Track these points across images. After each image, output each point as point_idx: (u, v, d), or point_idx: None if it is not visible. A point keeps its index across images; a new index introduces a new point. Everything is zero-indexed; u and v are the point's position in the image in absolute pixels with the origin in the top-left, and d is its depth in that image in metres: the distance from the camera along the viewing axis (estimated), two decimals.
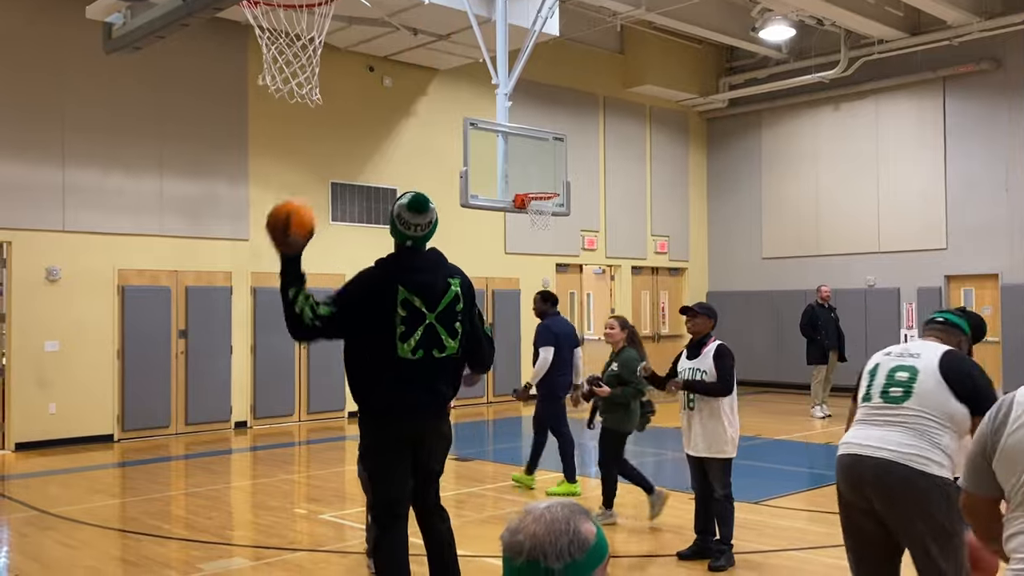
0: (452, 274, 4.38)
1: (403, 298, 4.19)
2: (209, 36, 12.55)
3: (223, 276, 13.04)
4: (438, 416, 4.41)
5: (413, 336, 4.19)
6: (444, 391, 4.36)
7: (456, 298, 4.31)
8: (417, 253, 4.40)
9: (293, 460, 11.08)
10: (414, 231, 4.35)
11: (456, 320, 4.30)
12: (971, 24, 14.92)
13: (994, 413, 2.63)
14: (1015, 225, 15.31)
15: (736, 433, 6.00)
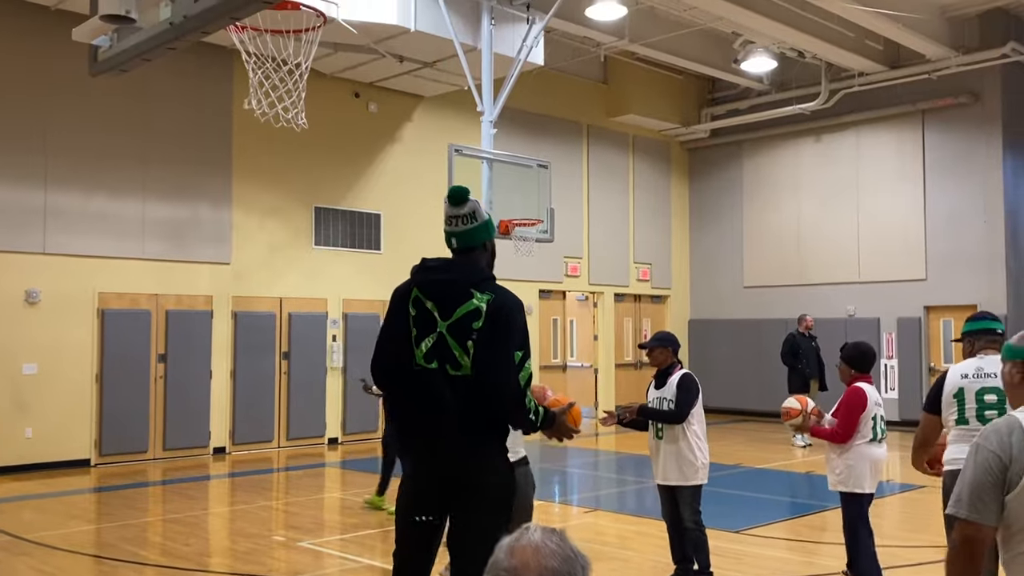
0: (483, 289, 3.73)
1: (415, 296, 3.78)
2: (195, 60, 12.58)
3: (204, 300, 12.98)
4: (467, 455, 3.66)
5: (424, 342, 3.70)
6: (470, 421, 3.65)
7: (475, 313, 3.66)
8: (448, 258, 3.92)
9: (272, 487, 10.98)
10: (453, 225, 3.87)
11: (470, 337, 3.64)
12: (949, 58, 15.17)
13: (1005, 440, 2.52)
14: (993, 257, 15.48)
15: (706, 460, 6.00)
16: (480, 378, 3.64)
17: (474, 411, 3.65)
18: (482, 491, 3.66)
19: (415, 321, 3.74)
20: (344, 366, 14.26)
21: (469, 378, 3.64)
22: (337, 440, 14.15)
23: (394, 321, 3.82)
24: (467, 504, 3.65)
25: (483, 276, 3.80)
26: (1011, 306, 15.30)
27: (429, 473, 3.73)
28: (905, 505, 9.88)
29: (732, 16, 13.59)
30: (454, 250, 3.91)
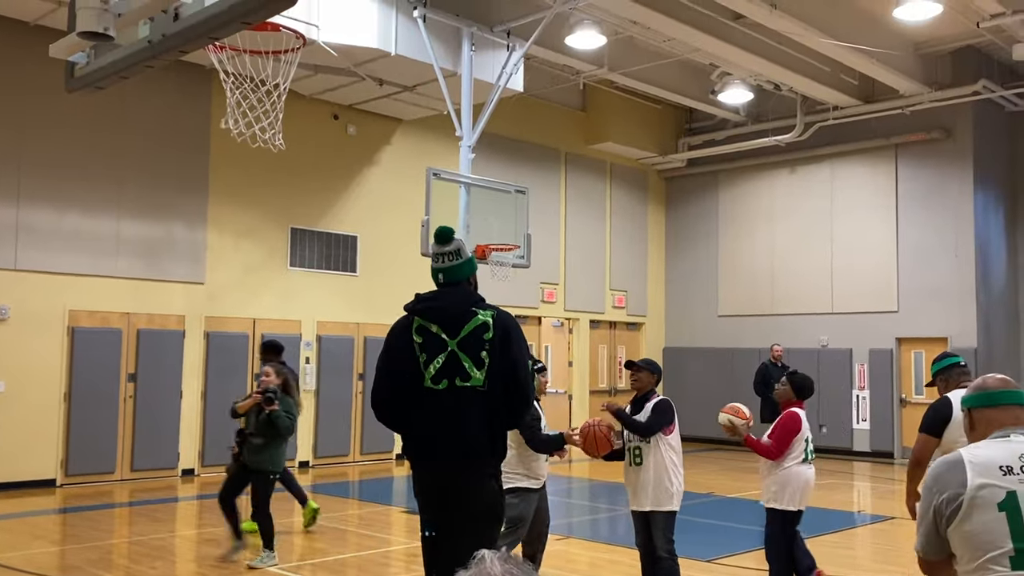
0: (483, 306, 4.11)
1: (417, 325, 4.09)
2: (173, 78, 12.54)
3: (176, 319, 12.86)
4: (465, 465, 3.97)
5: (433, 363, 3.99)
6: (475, 431, 3.95)
7: (484, 327, 4.01)
8: (442, 288, 4.24)
9: (242, 509, 10.81)
10: (439, 262, 4.21)
11: (483, 349, 3.97)
12: (922, 94, 15.42)
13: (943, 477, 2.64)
14: (964, 290, 15.67)
15: (680, 486, 6.01)
16: (500, 382, 3.98)
17: (483, 422, 3.97)
18: (474, 504, 3.95)
19: (422, 347, 4.04)
20: (317, 388, 14.16)
21: (479, 389, 3.96)
22: (308, 463, 14.01)
23: (396, 354, 4.10)
24: (458, 516, 3.94)
25: (479, 297, 4.20)
26: (981, 340, 15.48)
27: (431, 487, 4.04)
28: (877, 536, 9.91)
29: (709, 48, 13.76)
30: (441, 284, 4.23)
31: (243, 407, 7.89)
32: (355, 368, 14.61)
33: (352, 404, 14.53)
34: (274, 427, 7.73)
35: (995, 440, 2.71)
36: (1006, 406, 2.81)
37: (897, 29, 13.96)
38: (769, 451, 6.17)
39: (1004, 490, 2.54)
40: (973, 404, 2.89)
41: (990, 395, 2.86)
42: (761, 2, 11.90)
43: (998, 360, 15.54)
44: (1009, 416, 2.78)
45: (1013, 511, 2.50)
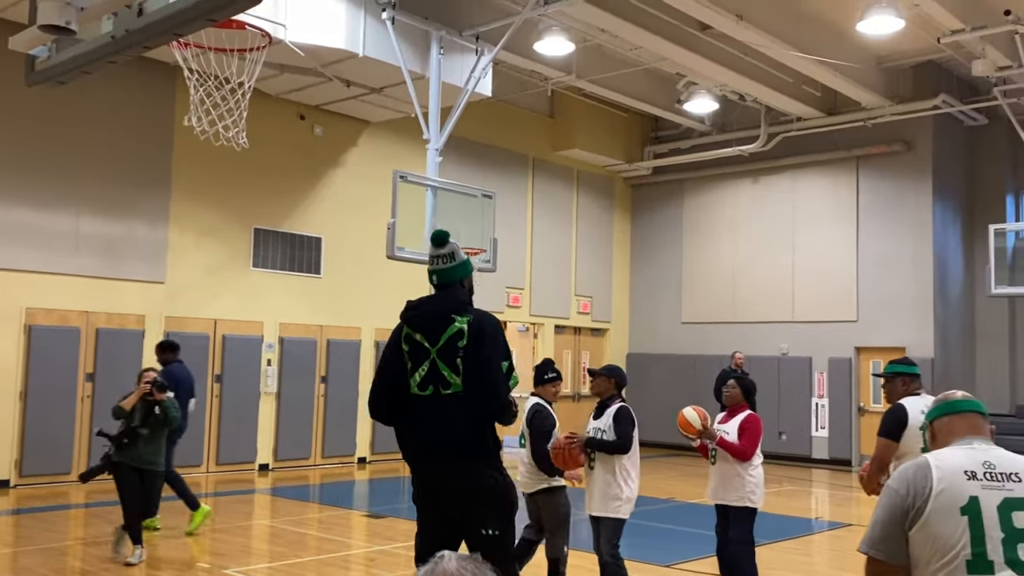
0: (462, 312, 4.21)
1: (405, 333, 4.26)
2: (136, 74, 12.39)
3: (136, 319, 12.69)
4: (452, 463, 4.13)
5: (419, 371, 4.18)
6: (456, 433, 4.10)
7: (459, 334, 4.14)
8: (430, 295, 4.42)
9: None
10: (435, 264, 4.36)
11: (457, 356, 4.12)
12: (884, 107, 15.67)
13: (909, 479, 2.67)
14: (922, 301, 15.93)
15: (632, 494, 5.99)
16: (473, 385, 4.09)
17: (466, 426, 4.10)
18: (479, 503, 4.10)
19: (409, 355, 4.21)
20: (279, 391, 14.04)
21: (460, 394, 4.10)
22: (268, 467, 13.88)
23: (387, 362, 4.30)
24: (469, 516, 4.11)
25: (461, 303, 4.28)
26: (938, 350, 15.74)
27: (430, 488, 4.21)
28: (834, 543, 10.03)
29: (676, 57, 13.88)
30: (435, 286, 4.37)
31: (129, 402, 7.78)
32: (318, 371, 14.51)
33: (314, 407, 14.43)
34: (162, 419, 7.78)
35: (959, 447, 2.76)
36: (967, 413, 2.86)
37: (860, 43, 14.18)
38: (744, 452, 6.28)
39: (967, 495, 2.58)
40: (935, 415, 2.93)
41: (951, 404, 2.91)
42: (727, 13, 12.02)
43: (954, 369, 15.82)
44: (969, 425, 2.82)
45: (974, 516, 2.54)
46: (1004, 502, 2.56)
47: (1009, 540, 2.51)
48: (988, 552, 2.50)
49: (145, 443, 7.73)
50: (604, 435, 5.99)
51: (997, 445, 2.79)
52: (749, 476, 6.27)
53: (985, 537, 2.52)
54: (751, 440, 6.30)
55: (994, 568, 2.49)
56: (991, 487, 2.59)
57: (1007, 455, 2.71)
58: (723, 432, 6.35)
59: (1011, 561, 2.49)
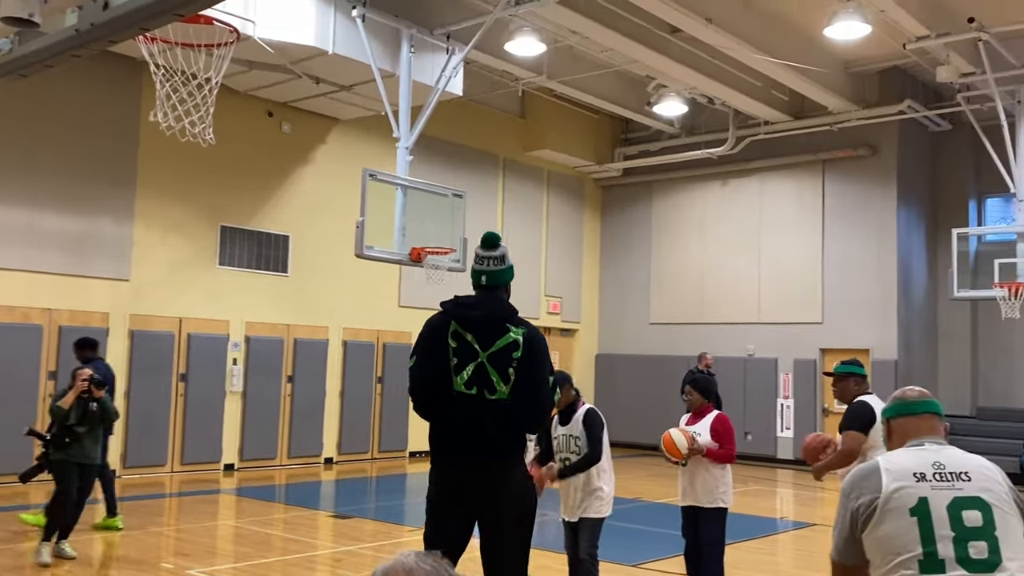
0: (517, 324, 4.32)
1: (453, 330, 4.28)
2: (101, 69, 12.22)
3: (100, 317, 12.52)
4: (495, 468, 4.22)
5: (465, 370, 4.21)
6: (498, 438, 4.19)
7: (514, 345, 4.24)
8: (480, 295, 4.43)
9: (163, 512, 10.60)
10: (484, 264, 4.43)
11: (510, 366, 4.21)
12: (850, 112, 15.86)
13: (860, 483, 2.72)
14: (885, 303, 16.14)
15: (612, 492, 6.01)
16: (523, 398, 4.21)
17: (505, 431, 4.21)
18: (508, 502, 4.21)
19: (455, 352, 4.24)
20: (244, 390, 13.91)
21: (504, 402, 4.20)
22: (233, 466, 13.76)
23: (431, 351, 4.28)
24: (495, 515, 4.20)
25: (514, 312, 4.39)
26: (901, 352, 15.96)
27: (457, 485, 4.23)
28: (799, 542, 10.13)
29: (646, 60, 13.94)
30: (482, 286, 4.44)
31: (67, 401, 7.77)
32: (284, 370, 14.40)
33: (280, 406, 14.32)
34: (100, 416, 7.83)
35: (910, 448, 2.81)
36: (923, 415, 2.91)
37: (828, 48, 14.34)
38: (730, 455, 6.27)
39: (916, 496, 2.62)
40: (892, 414, 2.98)
41: (907, 404, 2.96)
42: (697, 16, 12.10)
43: (917, 371, 16.04)
44: (925, 425, 2.88)
45: (924, 516, 2.58)
46: (954, 501, 2.60)
47: (959, 539, 2.55)
48: (939, 551, 2.54)
49: (86, 440, 7.83)
50: (576, 442, 5.91)
51: (951, 444, 2.84)
52: (722, 477, 6.28)
53: (935, 537, 2.56)
54: (731, 440, 6.30)
55: (945, 567, 2.53)
56: (940, 487, 2.63)
57: (957, 454, 2.76)
58: (696, 434, 6.28)
59: (962, 559, 2.53)
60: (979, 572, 2.52)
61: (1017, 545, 2.60)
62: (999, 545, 2.55)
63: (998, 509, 2.61)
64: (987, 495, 2.63)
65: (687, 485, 6.34)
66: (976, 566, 2.52)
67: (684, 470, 6.34)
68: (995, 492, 2.65)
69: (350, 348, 15.25)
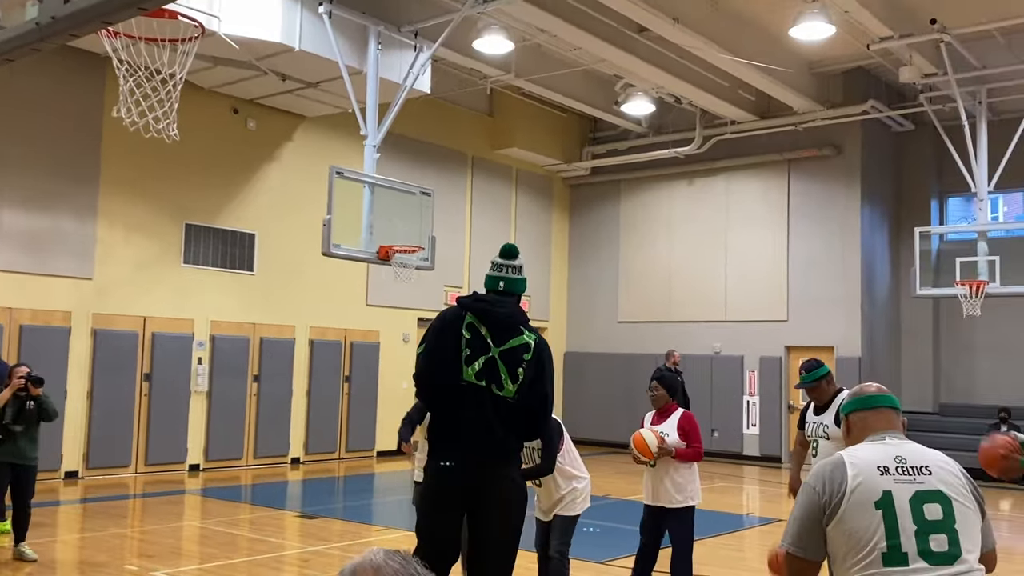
0: (528, 328, 4.49)
1: (469, 322, 4.38)
2: (63, 63, 12.04)
3: (62, 316, 12.33)
4: (495, 464, 4.32)
5: (477, 361, 4.31)
6: (501, 434, 4.30)
7: (526, 347, 4.40)
8: (497, 296, 4.56)
9: (127, 513, 10.46)
10: (504, 272, 4.61)
11: (520, 365, 4.35)
12: (815, 112, 16.02)
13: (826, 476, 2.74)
14: (850, 301, 16.33)
15: (586, 487, 5.98)
16: (528, 400, 4.35)
17: (509, 427, 4.32)
18: (505, 503, 4.30)
19: (468, 343, 4.34)
20: (209, 390, 13.77)
21: (510, 399, 4.31)
22: (199, 467, 13.61)
23: (444, 342, 4.37)
24: (487, 506, 4.27)
25: (527, 318, 4.59)
26: (865, 349, 16.15)
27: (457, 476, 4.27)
28: (765, 538, 10.22)
29: (614, 59, 13.99)
30: (499, 292, 4.58)
31: (2, 398, 7.69)
32: (250, 369, 14.27)
33: (246, 406, 14.19)
34: (37, 415, 7.79)
35: (872, 442, 2.84)
36: (881, 409, 2.94)
37: (793, 48, 14.48)
38: (698, 454, 6.26)
39: (880, 489, 2.65)
40: (851, 409, 3.01)
41: (866, 399, 2.99)
42: (664, 16, 12.16)
43: (880, 368, 16.25)
44: (883, 420, 2.91)
45: (888, 509, 2.62)
46: (915, 495, 2.64)
47: (921, 532, 2.59)
48: (902, 544, 2.58)
49: (22, 439, 7.75)
50: (536, 453, 5.75)
51: (911, 439, 2.88)
52: (691, 476, 6.28)
53: (899, 530, 2.59)
54: (698, 439, 6.31)
55: (908, 560, 2.56)
56: (903, 481, 2.67)
57: (917, 448, 2.80)
58: (663, 434, 6.25)
59: (923, 552, 2.57)
60: (940, 564, 2.56)
61: (975, 537, 2.65)
62: (959, 538, 2.60)
63: (957, 502, 2.65)
64: (947, 488, 2.67)
65: (655, 486, 6.28)
66: (937, 558, 2.56)
67: (651, 471, 6.29)
68: (954, 486, 2.68)
69: (317, 347, 15.15)
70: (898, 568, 2.56)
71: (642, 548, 6.38)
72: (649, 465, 6.27)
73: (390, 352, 16.13)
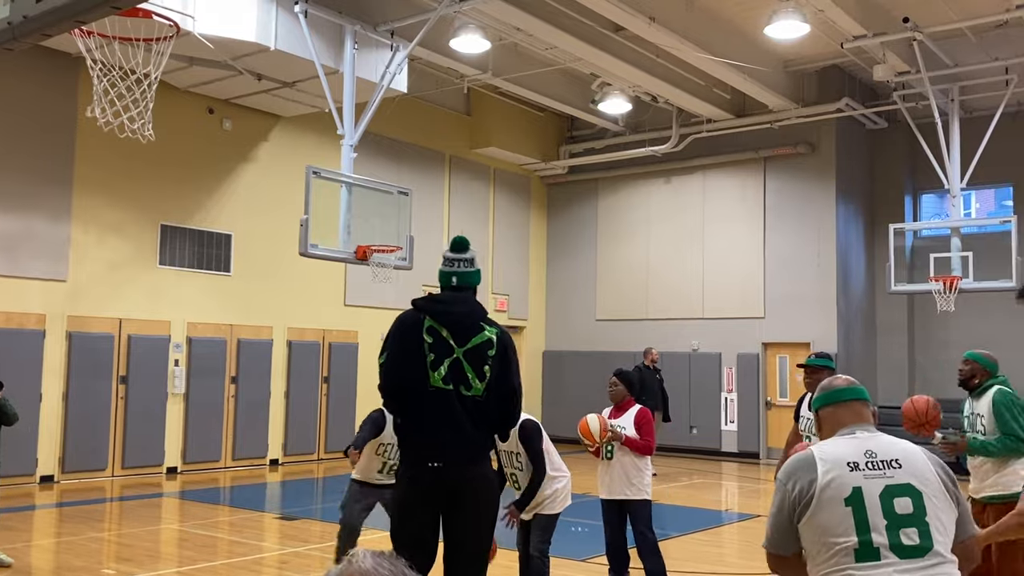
0: (490, 324, 4.46)
1: (428, 325, 4.31)
2: (36, 63, 11.91)
3: (36, 318, 12.20)
4: (470, 464, 4.28)
5: (442, 366, 4.24)
6: (474, 434, 4.28)
7: (489, 343, 4.36)
8: (452, 293, 4.49)
9: (104, 517, 10.37)
10: (455, 266, 4.52)
11: (486, 363, 4.31)
12: (790, 110, 16.14)
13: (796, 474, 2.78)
14: (825, 297, 16.47)
15: (566, 486, 5.99)
16: (497, 396, 4.32)
17: (479, 426, 4.29)
18: (477, 494, 4.28)
19: (431, 347, 4.26)
20: (187, 392, 13.68)
21: (478, 398, 4.28)
22: (176, 469, 13.51)
23: (406, 347, 4.28)
24: (464, 506, 4.25)
25: (485, 312, 4.52)
26: (841, 345, 16.29)
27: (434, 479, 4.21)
28: (743, 534, 10.28)
29: (590, 58, 14.02)
30: (453, 287, 4.50)
31: None
32: (228, 371, 14.18)
33: (224, 408, 14.10)
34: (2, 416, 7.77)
35: (842, 437, 2.86)
36: (849, 402, 2.94)
37: (768, 47, 14.57)
38: (648, 447, 6.33)
39: (850, 486, 2.67)
40: (820, 404, 3.02)
41: (834, 393, 2.99)
42: (640, 15, 12.20)
43: (856, 364, 16.39)
44: (852, 413, 2.92)
45: (858, 505, 2.64)
46: (885, 489, 2.66)
47: (891, 526, 2.62)
48: (873, 540, 2.60)
49: None
50: (517, 457, 5.77)
51: (880, 431, 2.90)
52: (646, 469, 6.36)
53: (869, 525, 2.62)
54: (651, 433, 6.38)
55: (879, 555, 2.59)
56: (873, 476, 2.69)
57: (887, 441, 2.81)
58: (620, 428, 6.31)
59: (894, 546, 2.59)
60: (911, 557, 2.59)
61: (947, 529, 2.67)
62: (930, 530, 2.62)
63: (928, 496, 2.67)
64: (917, 482, 2.69)
65: (611, 479, 6.34)
66: (908, 552, 2.59)
67: (606, 465, 6.35)
68: (925, 478, 2.71)
69: (295, 348, 15.08)
70: (870, 563, 2.59)
71: (609, 544, 6.44)
72: (606, 458, 6.33)
73: (369, 353, 16.06)
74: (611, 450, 6.33)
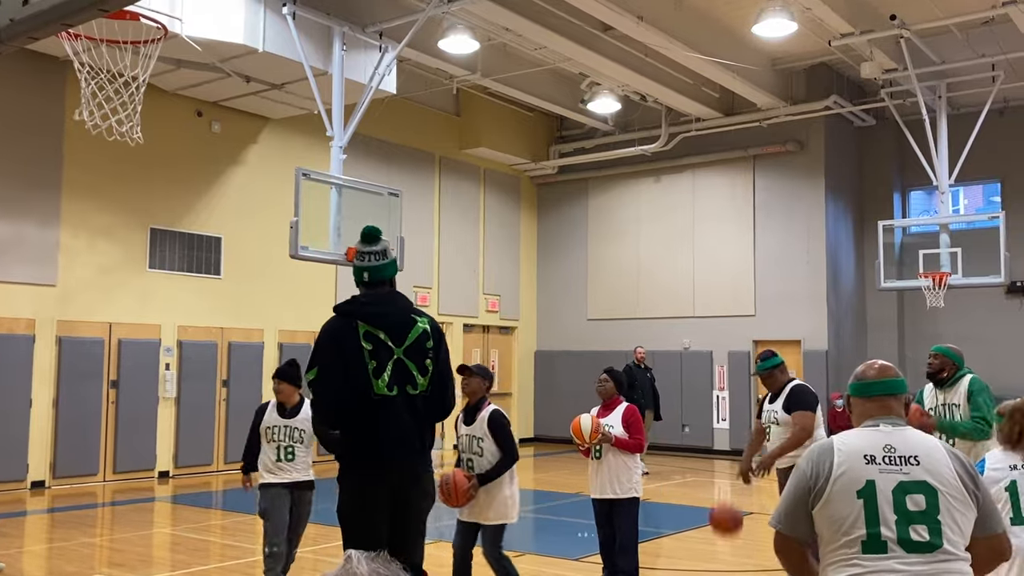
0: (417, 313, 4.32)
1: (365, 331, 4.12)
2: (22, 66, 11.86)
3: (26, 323, 12.14)
4: (419, 463, 4.22)
5: (385, 371, 4.09)
6: (421, 434, 4.21)
7: (425, 335, 4.23)
8: (374, 290, 4.30)
9: (95, 522, 10.33)
10: (368, 260, 4.31)
11: (426, 357, 4.21)
12: (778, 108, 16.19)
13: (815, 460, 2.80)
14: (815, 295, 16.52)
15: (517, 496, 5.89)
16: (440, 388, 4.25)
17: (425, 424, 4.22)
18: (423, 498, 4.24)
19: (372, 354, 4.08)
20: (178, 396, 13.63)
21: (424, 394, 4.19)
22: (168, 474, 13.47)
23: (344, 359, 4.07)
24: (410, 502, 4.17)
25: (411, 302, 4.38)
26: (831, 342, 16.35)
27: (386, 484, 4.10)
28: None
29: (579, 57, 14.04)
30: (365, 283, 4.31)
31: None
32: (219, 374, 14.15)
33: (216, 411, 14.06)
34: None
35: (865, 429, 2.87)
36: (877, 397, 2.93)
37: (756, 45, 14.61)
38: (639, 445, 6.33)
39: (864, 478, 2.70)
40: (853, 392, 3.03)
41: (863, 386, 2.98)
42: (628, 14, 12.22)
43: (846, 360, 16.44)
44: (879, 407, 2.91)
45: (870, 498, 2.67)
46: (899, 485, 2.68)
47: (901, 521, 2.64)
48: (882, 533, 2.63)
49: None
50: (482, 443, 5.74)
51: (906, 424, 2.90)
52: (635, 467, 6.35)
53: (879, 518, 2.65)
54: (640, 431, 6.38)
55: (887, 548, 2.62)
56: (888, 470, 2.70)
57: (910, 437, 2.81)
58: (608, 427, 6.28)
59: (902, 541, 2.62)
60: (918, 552, 2.61)
61: (962, 528, 2.68)
62: (941, 528, 2.64)
63: (943, 494, 2.68)
64: (933, 479, 2.69)
65: (600, 478, 6.31)
66: (915, 547, 2.62)
67: (596, 464, 6.32)
68: (943, 476, 2.70)
69: (286, 350, 15.03)
70: (876, 555, 2.62)
71: (603, 542, 6.43)
72: (594, 457, 6.31)
73: None
74: (599, 450, 6.32)
